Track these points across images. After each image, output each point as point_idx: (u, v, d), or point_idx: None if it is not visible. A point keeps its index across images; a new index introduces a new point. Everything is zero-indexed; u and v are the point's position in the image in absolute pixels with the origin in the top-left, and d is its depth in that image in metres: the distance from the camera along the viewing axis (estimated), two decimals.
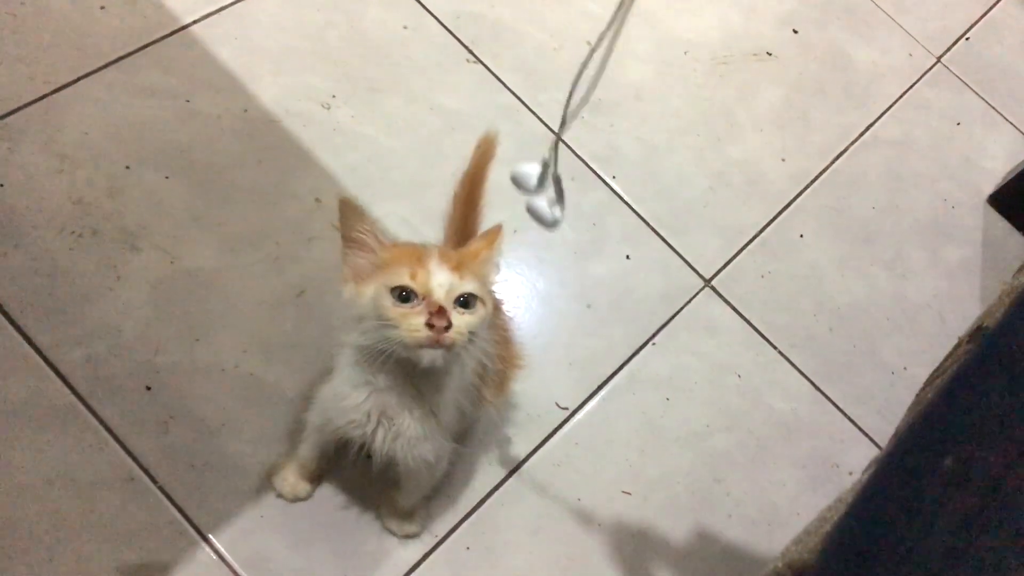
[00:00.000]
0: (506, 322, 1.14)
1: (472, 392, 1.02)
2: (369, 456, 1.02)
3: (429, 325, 0.82)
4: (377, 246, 0.89)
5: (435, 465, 1.05)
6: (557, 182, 0.80)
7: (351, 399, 0.95)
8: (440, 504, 1.23)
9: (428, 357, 0.85)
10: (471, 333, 0.87)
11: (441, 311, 0.83)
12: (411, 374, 0.91)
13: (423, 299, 0.84)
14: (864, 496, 0.59)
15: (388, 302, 0.84)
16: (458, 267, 0.87)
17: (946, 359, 0.86)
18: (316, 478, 1.19)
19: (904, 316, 1.57)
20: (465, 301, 0.86)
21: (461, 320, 0.85)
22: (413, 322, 0.83)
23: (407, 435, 0.96)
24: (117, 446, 1.16)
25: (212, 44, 1.47)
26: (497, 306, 1.08)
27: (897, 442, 0.58)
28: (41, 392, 1.16)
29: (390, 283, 0.85)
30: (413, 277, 0.84)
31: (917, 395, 0.84)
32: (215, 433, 1.19)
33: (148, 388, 1.20)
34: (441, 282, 0.85)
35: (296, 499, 1.19)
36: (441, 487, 1.23)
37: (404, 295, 0.84)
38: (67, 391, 1.17)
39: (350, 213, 0.89)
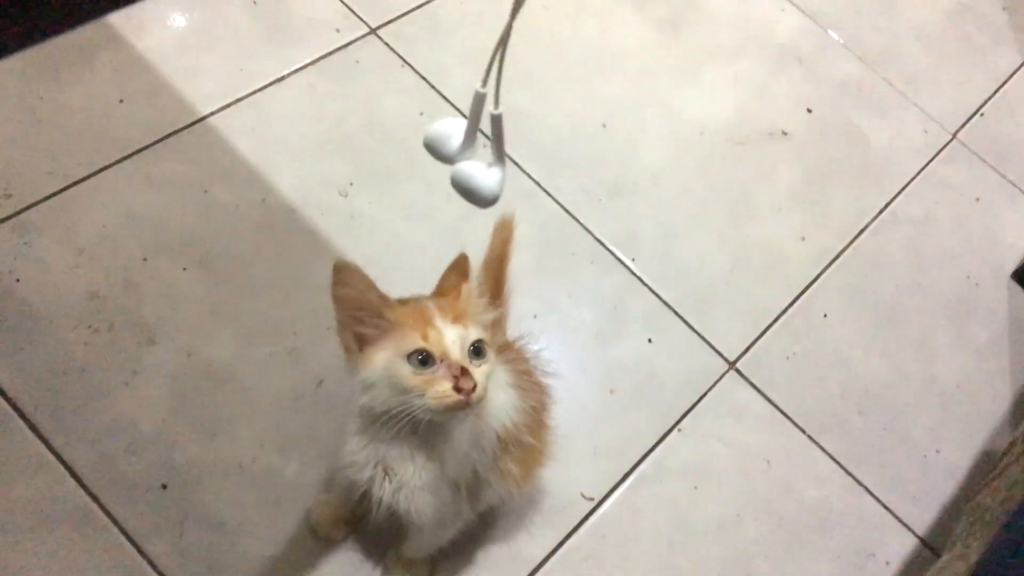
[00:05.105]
0: (546, 404, 1.09)
1: (490, 449, 0.96)
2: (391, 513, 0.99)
3: (457, 389, 0.81)
4: (385, 308, 0.85)
5: (442, 524, 1.01)
6: (496, 122, 0.62)
7: (351, 446, 0.92)
8: None
9: (458, 419, 0.84)
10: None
11: (465, 372, 0.81)
12: (417, 427, 0.87)
13: (441, 361, 0.82)
14: None
15: (406, 370, 0.82)
16: (458, 316, 0.84)
17: (1001, 458, 0.83)
18: (350, 523, 1.18)
19: (934, 397, 1.53)
20: (477, 349, 0.84)
21: (481, 373, 0.83)
22: (439, 389, 0.81)
23: (410, 484, 0.92)
24: (132, 548, 1.12)
25: (230, 135, 1.47)
26: (541, 386, 1.07)
27: (1007, 528, 0.54)
28: (55, 493, 1.14)
29: (404, 349, 0.82)
30: (426, 339, 0.82)
31: (976, 501, 0.80)
32: (233, 533, 1.16)
33: (164, 486, 1.17)
34: (453, 339, 0.83)
35: (329, 539, 1.18)
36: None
37: (422, 359, 0.82)
38: (81, 492, 1.14)
39: (351, 276, 0.84)
